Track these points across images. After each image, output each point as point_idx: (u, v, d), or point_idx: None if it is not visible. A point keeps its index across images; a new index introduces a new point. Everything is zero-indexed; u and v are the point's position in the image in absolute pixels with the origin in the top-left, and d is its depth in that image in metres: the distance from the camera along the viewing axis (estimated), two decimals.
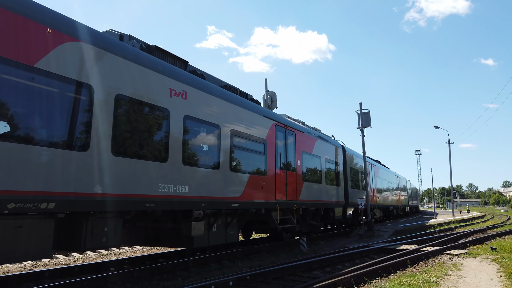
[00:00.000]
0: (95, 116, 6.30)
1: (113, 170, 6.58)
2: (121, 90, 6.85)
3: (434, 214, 39.63)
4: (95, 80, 6.37)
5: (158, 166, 7.52)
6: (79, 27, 6.37)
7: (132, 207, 7.03)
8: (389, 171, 33.61)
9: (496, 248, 11.93)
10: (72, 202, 5.85)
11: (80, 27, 6.38)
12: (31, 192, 5.29)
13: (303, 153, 14.23)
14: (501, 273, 8.27)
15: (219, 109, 9.59)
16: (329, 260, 9.58)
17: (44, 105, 5.70)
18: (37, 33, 5.58)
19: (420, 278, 7.42)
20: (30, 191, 5.28)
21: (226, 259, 10.40)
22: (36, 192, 5.35)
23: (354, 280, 7.20)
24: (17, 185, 5.10)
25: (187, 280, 7.84)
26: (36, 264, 9.87)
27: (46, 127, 5.69)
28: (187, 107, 8.40)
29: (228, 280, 6.85)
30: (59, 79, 5.80)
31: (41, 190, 5.41)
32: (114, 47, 6.93)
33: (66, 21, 6.21)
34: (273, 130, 12.14)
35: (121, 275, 7.72)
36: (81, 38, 6.25)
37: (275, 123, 12.38)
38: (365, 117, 20.82)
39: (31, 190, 5.29)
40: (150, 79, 7.58)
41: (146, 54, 7.89)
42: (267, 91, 19.92)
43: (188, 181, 8.21)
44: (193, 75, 9.11)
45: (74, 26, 6.27)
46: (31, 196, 5.28)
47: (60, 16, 6.17)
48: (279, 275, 7.97)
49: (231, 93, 10.73)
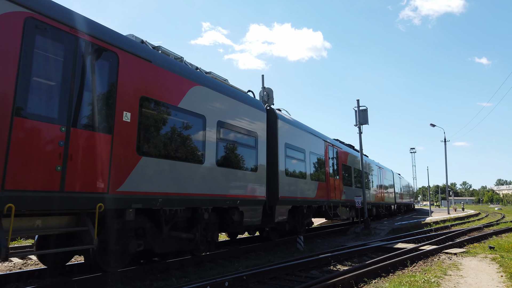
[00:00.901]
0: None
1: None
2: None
3: (430, 212, 39.68)
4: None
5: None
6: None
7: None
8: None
9: (494, 247, 11.83)
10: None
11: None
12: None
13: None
14: (502, 273, 8.14)
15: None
16: (326, 259, 9.40)
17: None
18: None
19: (420, 278, 7.26)
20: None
21: (221, 258, 10.19)
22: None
23: (354, 280, 7.02)
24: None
25: (181, 280, 7.62)
26: (26, 263, 9.60)
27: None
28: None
29: (224, 281, 6.64)
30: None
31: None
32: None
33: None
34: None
35: (113, 274, 7.46)
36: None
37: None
38: (363, 114, 20.66)
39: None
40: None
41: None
42: (264, 88, 19.69)
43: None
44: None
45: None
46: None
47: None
48: (276, 274, 7.78)
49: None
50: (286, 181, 12.40)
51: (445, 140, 41.53)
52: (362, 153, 20.97)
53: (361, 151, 20.86)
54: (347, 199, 19.01)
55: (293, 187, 13.00)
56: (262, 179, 11.04)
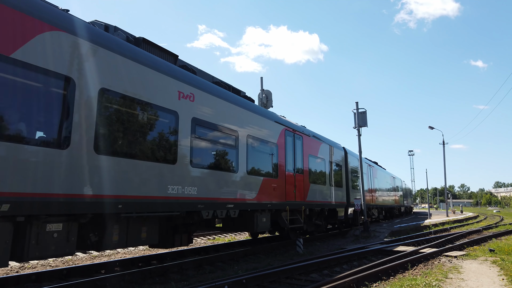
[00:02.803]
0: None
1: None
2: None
3: (429, 214, 39.67)
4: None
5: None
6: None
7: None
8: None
9: (494, 249, 11.78)
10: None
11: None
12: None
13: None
14: (503, 275, 8.09)
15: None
16: (326, 262, 9.34)
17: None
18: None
19: (421, 282, 7.20)
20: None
21: (220, 261, 10.12)
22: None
23: (355, 284, 6.96)
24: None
25: (180, 283, 7.55)
26: (23, 266, 9.50)
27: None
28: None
29: (224, 284, 6.57)
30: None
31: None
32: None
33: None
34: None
35: (111, 278, 7.39)
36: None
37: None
38: (361, 117, 20.64)
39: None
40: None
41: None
42: (263, 90, 19.66)
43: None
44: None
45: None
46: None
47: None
48: (276, 278, 7.71)
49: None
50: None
51: (444, 143, 41.55)
52: (361, 155, 20.93)
53: (360, 153, 20.81)
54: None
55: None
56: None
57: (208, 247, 12.39)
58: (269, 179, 11.32)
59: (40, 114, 5.30)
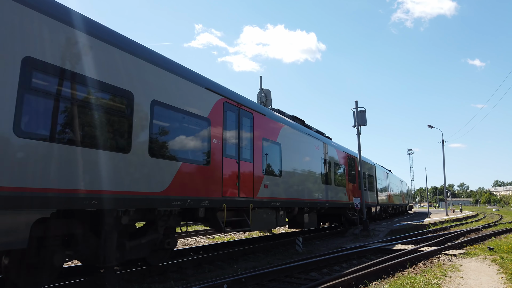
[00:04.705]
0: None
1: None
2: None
3: (428, 213, 39.71)
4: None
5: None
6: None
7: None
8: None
9: (493, 248, 11.79)
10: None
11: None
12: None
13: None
14: (502, 274, 8.09)
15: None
16: (326, 261, 9.33)
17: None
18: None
19: (420, 280, 7.20)
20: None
21: (220, 260, 10.11)
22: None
23: (354, 282, 6.96)
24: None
25: (179, 282, 7.54)
26: None
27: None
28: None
29: (223, 283, 6.56)
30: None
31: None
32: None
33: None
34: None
35: (110, 277, 7.36)
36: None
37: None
38: (361, 116, 20.64)
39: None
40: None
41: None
42: (262, 89, 19.66)
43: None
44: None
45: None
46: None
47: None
48: (275, 277, 7.70)
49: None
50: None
51: (443, 142, 41.56)
52: (361, 154, 20.94)
53: (360, 152, 20.82)
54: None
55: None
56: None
57: (207, 246, 12.39)
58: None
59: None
